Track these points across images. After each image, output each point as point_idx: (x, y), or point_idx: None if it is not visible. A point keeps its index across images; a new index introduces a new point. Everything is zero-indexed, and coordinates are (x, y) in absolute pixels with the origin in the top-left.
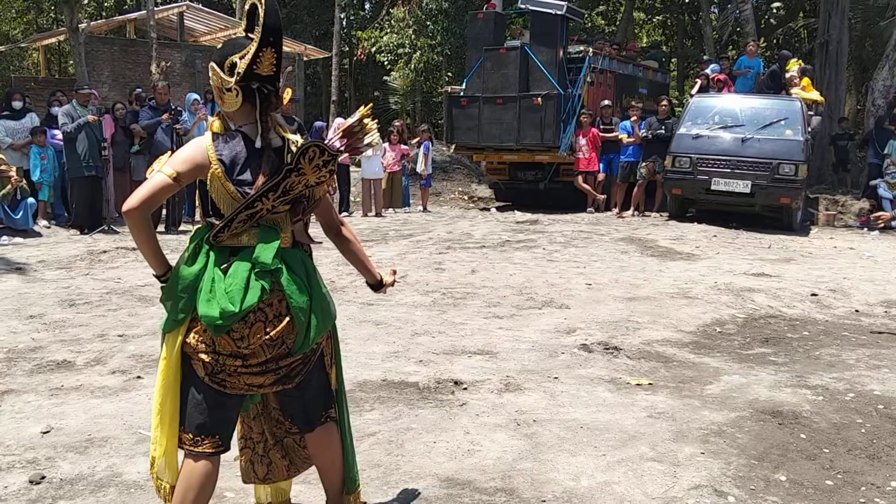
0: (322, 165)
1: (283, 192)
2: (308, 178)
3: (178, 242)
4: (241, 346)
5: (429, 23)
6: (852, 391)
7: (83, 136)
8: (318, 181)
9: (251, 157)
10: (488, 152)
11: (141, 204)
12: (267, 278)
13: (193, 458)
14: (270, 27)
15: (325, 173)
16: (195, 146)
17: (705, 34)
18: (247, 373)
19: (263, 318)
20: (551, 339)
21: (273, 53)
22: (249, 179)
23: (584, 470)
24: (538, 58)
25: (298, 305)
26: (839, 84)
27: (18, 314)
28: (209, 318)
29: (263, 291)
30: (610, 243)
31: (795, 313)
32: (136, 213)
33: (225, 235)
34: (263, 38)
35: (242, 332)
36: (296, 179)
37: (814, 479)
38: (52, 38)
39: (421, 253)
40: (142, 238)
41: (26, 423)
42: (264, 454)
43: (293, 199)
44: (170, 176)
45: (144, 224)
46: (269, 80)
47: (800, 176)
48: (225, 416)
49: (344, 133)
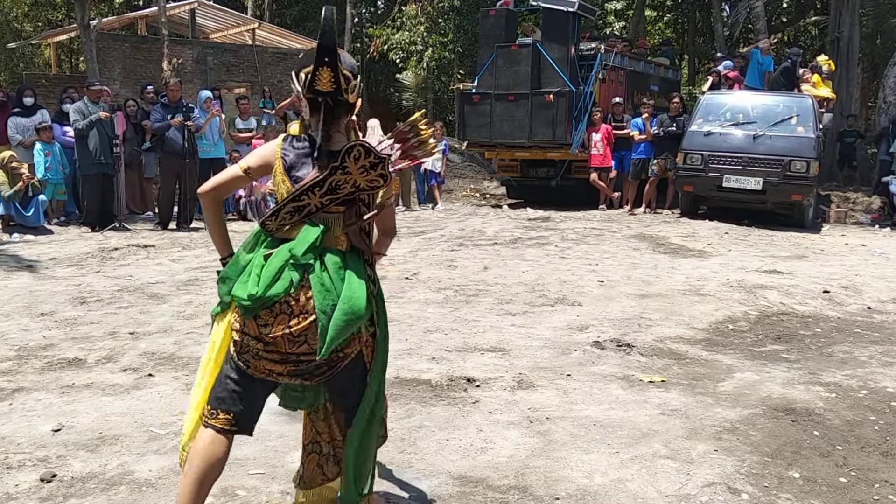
0: (370, 168)
1: (330, 189)
2: (355, 178)
3: (189, 239)
4: (263, 333)
5: (441, 20)
6: (865, 388)
7: (94, 133)
8: (370, 185)
9: (312, 158)
10: (500, 149)
11: (212, 189)
12: (299, 272)
13: (204, 429)
14: (325, 47)
15: (376, 177)
16: (269, 145)
17: (716, 31)
18: (267, 358)
19: (288, 311)
20: (564, 337)
21: (329, 72)
22: (303, 176)
23: (597, 467)
24: (550, 55)
25: (320, 307)
26: (850, 81)
27: (29, 312)
28: (238, 299)
29: (291, 284)
30: (622, 240)
31: (808, 310)
32: (206, 197)
33: (272, 224)
34: (318, 59)
35: (267, 320)
36: (342, 178)
37: (827, 477)
38: (63, 35)
39: (433, 250)
40: (209, 220)
41: (37, 421)
42: (334, 453)
43: (346, 200)
44: (242, 168)
45: (214, 207)
46: (330, 94)
47: (811, 173)
48: (245, 397)
49: (397, 138)
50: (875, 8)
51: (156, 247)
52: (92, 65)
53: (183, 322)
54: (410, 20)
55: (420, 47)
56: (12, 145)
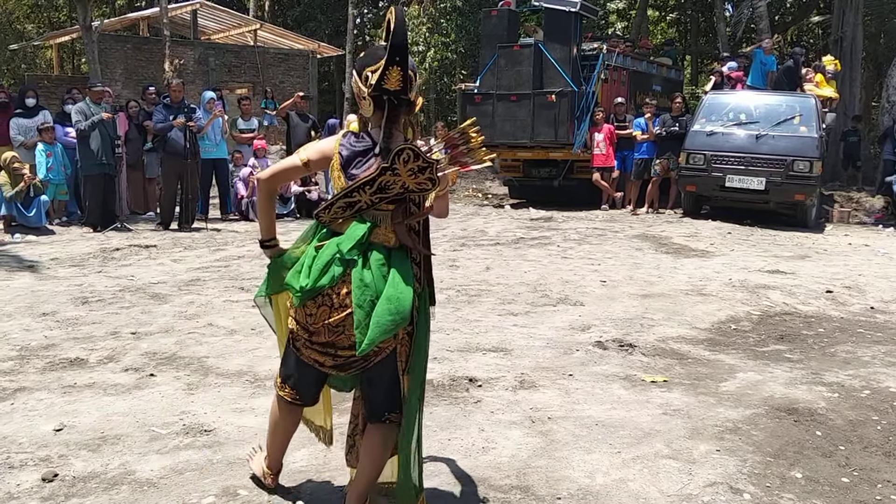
0: (418, 171)
1: (379, 188)
2: (404, 180)
3: (191, 240)
4: (308, 322)
5: (443, 20)
6: (868, 388)
7: (97, 133)
8: (418, 187)
9: (369, 156)
10: (502, 149)
11: (271, 176)
12: (343, 266)
13: (277, 398)
14: (397, 46)
15: (424, 180)
16: (329, 140)
17: (719, 31)
18: (312, 348)
19: (329, 304)
20: (566, 337)
21: (399, 71)
22: (357, 173)
23: (599, 467)
24: (552, 55)
25: (358, 301)
26: (853, 81)
27: (31, 312)
28: (291, 289)
29: (333, 278)
30: (624, 240)
31: (810, 310)
32: (264, 183)
33: (326, 216)
34: (390, 58)
35: (312, 310)
36: (391, 179)
37: (829, 476)
38: (65, 36)
39: (435, 250)
40: (261, 204)
41: (39, 421)
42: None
43: (395, 199)
44: (301, 160)
45: (268, 193)
46: (396, 93)
47: (814, 173)
48: (303, 378)
49: (447, 143)
50: (878, 7)
51: (157, 247)
52: (94, 66)
53: (184, 322)
54: (412, 20)
55: (422, 48)
56: (14, 146)
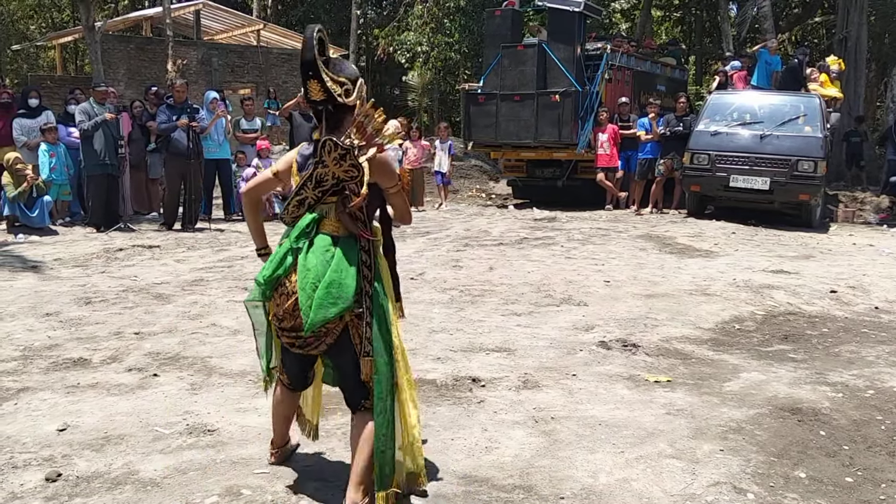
0: (340, 159)
1: (317, 182)
2: (332, 170)
3: (194, 240)
4: (276, 311)
5: (446, 20)
6: (872, 388)
7: (100, 133)
8: (347, 175)
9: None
10: (506, 149)
11: (248, 190)
12: (293, 255)
13: (277, 383)
14: (305, 63)
15: (348, 167)
16: (293, 151)
17: (723, 31)
18: (283, 334)
19: (285, 292)
20: (569, 337)
21: (317, 83)
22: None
23: (602, 467)
24: (556, 55)
25: (301, 285)
26: (858, 80)
27: (34, 312)
28: (257, 282)
29: (286, 266)
30: (628, 240)
31: (815, 310)
32: (244, 197)
33: (286, 216)
34: (303, 74)
35: (277, 299)
36: (322, 171)
37: (833, 476)
38: (68, 37)
39: (438, 250)
40: (247, 217)
41: (42, 421)
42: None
43: (334, 190)
44: (272, 172)
45: (251, 205)
46: (323, 102)
47: (819, 172)
48: (291, 364)
49: (357, 129)
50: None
51: (160, 247)
52: (97, 66)
53: (188, 322)
54: (416, 21)
55: (426, 48)
56: (17, 146)
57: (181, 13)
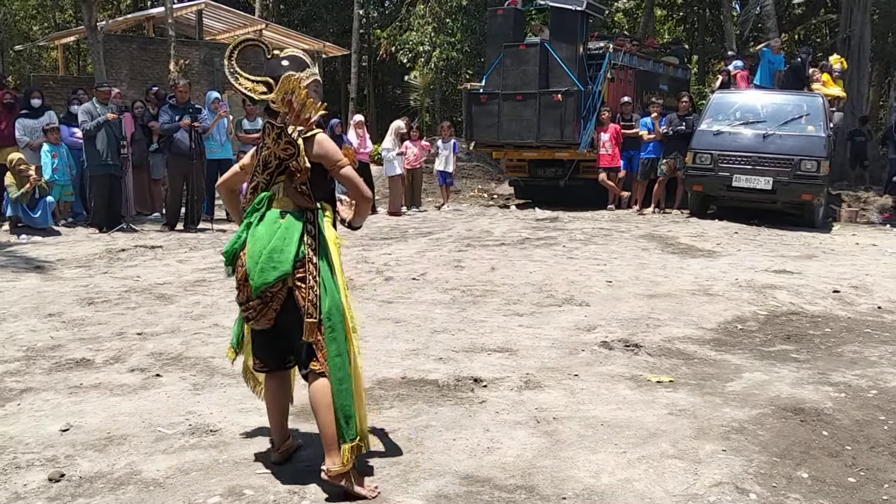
0: (277, 138)
1: (264, 165)
2: (273, 150)
3: (196, 240)
4: (236, 285)
5: (448, 20)
6: (875, 388)
7: (102, 133)
8: (286, 153)
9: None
10: (508, 149)
11: (220, 185)
12: (247, 229)
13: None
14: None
15: (285, 145)
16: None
17: (726, 30)
18: (242, 309)
19: (241, 263)
20: (571, 337)
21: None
22: None
23: (604, 467)
24: (558, 54)
25: (249, 253)
26: (861, 80)
27: (37, 312)
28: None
29: (240, 239)
30: (630, 240)
31: (817, 310)
32: (221, 189)
33: (247, 204)
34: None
35: (237, 272)
36: (266, 154)
37: (836, 476)
38: (70, 37)
39: (440, 251)
40: (227, 206)
41: (45, 422)
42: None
43: (279, 171)
44: (239, 166)
45: (227, 196)
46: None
47: (822, 172)
48: (258, 343)
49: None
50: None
51: (163, 248)
52: (99, 66)
53: (190, 322)
54: (418, 20)
55: (428, 47)
56: (20, 147)
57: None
